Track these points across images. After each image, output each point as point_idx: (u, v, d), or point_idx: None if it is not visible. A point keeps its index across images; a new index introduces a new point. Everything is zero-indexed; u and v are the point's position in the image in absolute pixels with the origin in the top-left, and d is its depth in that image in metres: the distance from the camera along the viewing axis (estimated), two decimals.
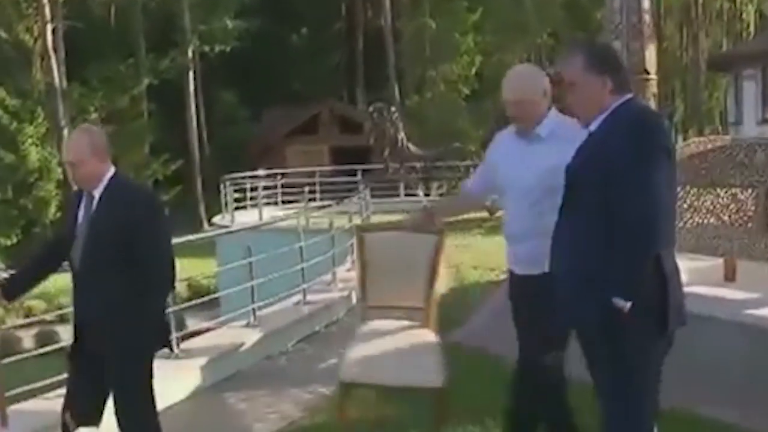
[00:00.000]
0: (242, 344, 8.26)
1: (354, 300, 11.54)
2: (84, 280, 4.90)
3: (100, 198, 4.86)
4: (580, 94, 4.08)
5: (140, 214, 4.87)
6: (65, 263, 5.07)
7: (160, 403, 6.85)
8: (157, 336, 5.08)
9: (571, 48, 4.70)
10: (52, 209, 37.70)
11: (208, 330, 9.52)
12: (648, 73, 8.61)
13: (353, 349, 5.61)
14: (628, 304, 3.78)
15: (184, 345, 8.33)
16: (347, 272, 12.94)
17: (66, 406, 4.97)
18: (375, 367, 5.45)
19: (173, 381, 7.47)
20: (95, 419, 4.86)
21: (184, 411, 7.14)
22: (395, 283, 5.77)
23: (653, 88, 8.70)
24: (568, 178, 4.14)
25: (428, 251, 5.73)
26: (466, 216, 10.37)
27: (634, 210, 3.76)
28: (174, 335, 8.06)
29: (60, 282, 5.47)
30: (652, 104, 8.68)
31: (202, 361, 7.96)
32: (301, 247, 10.98)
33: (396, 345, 5.62)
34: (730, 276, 8.40)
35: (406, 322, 5.82)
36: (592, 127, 4.07)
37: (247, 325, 9.01)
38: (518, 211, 4.99)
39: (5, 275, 5.34)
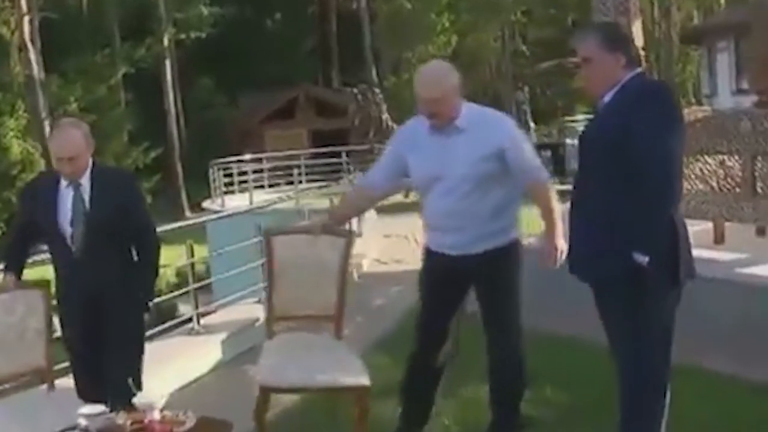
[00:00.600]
0: (257, 319, 8.51)
1: (356, 276, 11.93)
2: (84, 262, 5.16)
3: (92, 185, 5.16)
4: (595, 69, 4.39)
5: (130, 194, 5.42)
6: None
7: (186, 377, 7.28)
8: (148, 299, 5.51)
9: (584, 28, 4.91)
10: None
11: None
12: (636, 47, 8.99)
13: (267, 359, 5.39)
14: (647, 259, 4.11)
15: (203, 321, 8.69)
16: None
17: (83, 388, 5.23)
18: (296, 371, 5.25)
19: (196, 356, 7.82)
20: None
21: (208, 384, 7.44)
22: (304, 290, 5.58)
23: (642, 61, 9.08)
24: (585, 145, 4.49)
25: (338, 254, 5.57)
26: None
27: (653, 171, 4.08)
28: (194, 312, 8.45)
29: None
30: None
31: (222, 336, 8.27)
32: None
33: (311, 352, 5.49)
34: (719, 239, 8.79)
35: (316, 335, 5.78)
36: (606, 98, 4.37)
37: (259, 302, 9.24)
38: (449, 205, 5.13)
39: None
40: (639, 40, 9.07)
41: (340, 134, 34.18)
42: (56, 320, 5.44)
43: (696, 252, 8.12)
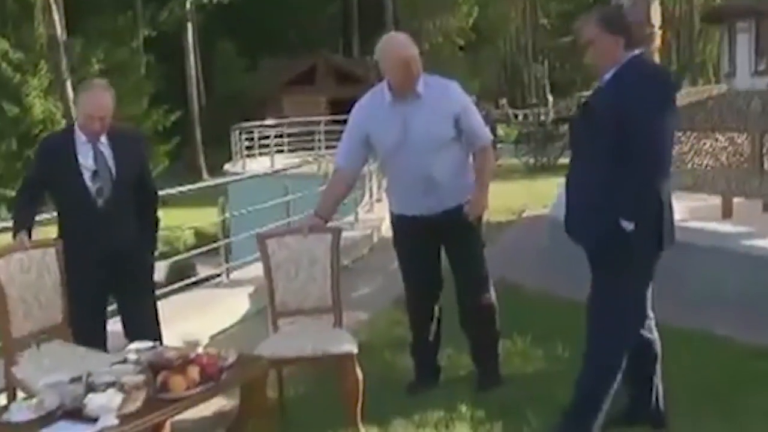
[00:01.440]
0: None
1: (375, 238, 12.35)
2: (109, 215, 5.44)
3: (112, 141, 5.46)
4: (596, 50, 4.76)
5: (144, 152, 5.95)
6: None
7: (217, 327, 7.69)
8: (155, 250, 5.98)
9: (587, 13, 5.09)
10: None
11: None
12: (653, 26, 9.30)
13: (265, 343, 5.57)
14: (632, 225, 4.50)
15: (232, 275, 9.11)
16: (366, 213, 13.98)
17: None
18: (289, 345, 5.45)
19: (226, 307, 8.24)
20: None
21: (238, 332, 7.84)
22: (301, 286, 5.74)
23: (658, 40, 9.38)
24: (583, 118, 4.94)
25: (326, 250, 5.70)
26: None
27: (646, 149, 4.48)
28: (224, 267, 8.88)
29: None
30: (656, 56, 9.39)
31: (249, 289, 8.68)
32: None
33: (309, 333, 5.65)
34: (727, 212, 9.13)
35: (316, 326, 5.84)
36: (607, 76, 4.73)
37: None
38: (417, 167, 5.57)
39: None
40: (657, 19, 9.35)
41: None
42: None
43: (704, 224, 8.61)
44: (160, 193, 6.23)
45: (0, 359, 5.29)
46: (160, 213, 5.86)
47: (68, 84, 37.58)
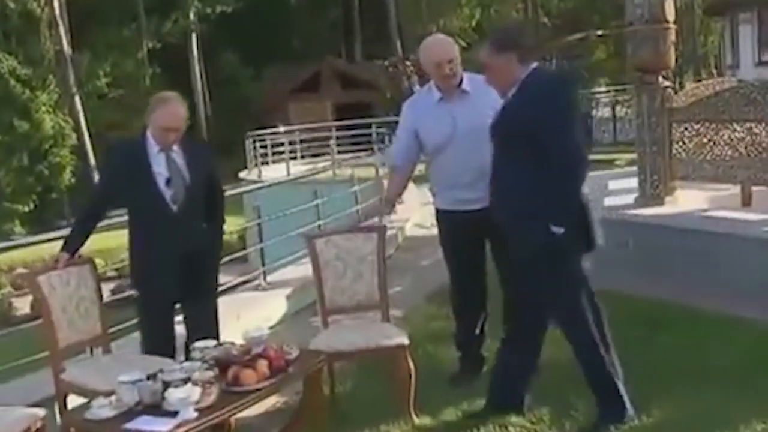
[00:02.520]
0: None
1: (400, 239, 12.58)
2: (183, 220, 5.60)
3: (182, 149, 5.62)
4: (493, 71, 5.11)
5: (211, 160, 6.10)
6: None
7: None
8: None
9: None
10: (67, 175, 38.27)
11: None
12: (667, 22, 9.48)
13: (319, 338, 5.78)
14: (561, 230, 4.83)
15: (269, 278, 9.34)
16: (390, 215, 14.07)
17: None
18: (344, 339, 5.70)
19: (264, 309, 8.47)
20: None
21: (281, 332, 8.03)
22: (349, 284, 6.00)
23: (672, 36, 9.56)
24: (497, 134, 5.17)
25: (373, 248, 5.98)
26: None
27: (559, 153, 4.80)
28: (261, 270, 9.12)
29: (120, 239, 6.13)
30: (672, 50, 9.59)
31: (287, 291, 8.94)
32: (355, 193, 12.15)
33: (360, 329, 5.98)
34: (746, 201, 9.33)
35: (365, 321, 6.14)
36: (510, 93, 5.06)
37: None
38: (465, 161, 5.78)
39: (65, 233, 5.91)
40: (670, 14, 9.50)
41: (362, 107, 34.53)
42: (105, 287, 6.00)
43: (725, 213, 8.83)
44: None
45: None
46: None
47: (77, 98, 37.91)
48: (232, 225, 10.41)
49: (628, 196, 10.07)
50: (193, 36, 46.36)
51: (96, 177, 32.78)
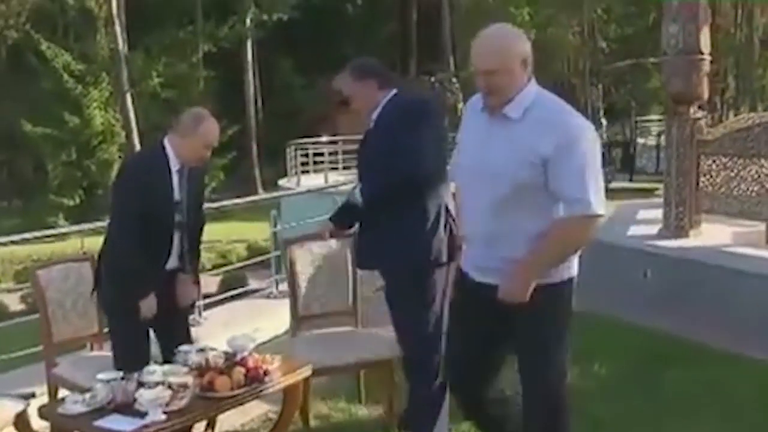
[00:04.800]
0: None
1: None
2: (184, 231, 5.41)
3: (189, 171, 5.43)
4: (356, 99, 5.06)
5: (204, 179, 5.89)
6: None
7: (266, 335, 7.90)
8: None
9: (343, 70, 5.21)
10: (115, 171, 38.66)
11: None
12: (702, 54, 9.40)
13: (300, 350, 5.73)
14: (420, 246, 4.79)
15: (281, 287, 9.34)
16: None
17: None
18: (327, 353, 5.63)
19: (275, 316, 8.46)
20: None
21: (284, 342, 8.02)
22: (323, 291, 6.06)
23: (706, 67, 9.48)
24: (361, 160, 5.18)
25: (347, 256, 6.02)
26: None
27: (405, 166, 4.70)
28: (274, 278, 9.13)
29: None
30: (705, 82, 9.50)
31: None
32: None
33: (337, 339, 5.95)
34: None
35: (338, 329, 6.12)
36: (373, 116, 5.01)
37: None
38: (480, 207, 4.13)
39: None
40: (706, 47, 9.45)
41: None
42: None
43: (748, 250, 8.73)
44: (214, 205, 6.35)
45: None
46: (217, 226, 6.04)
47: (128, 96, 38.27)
48: (262, 232, 10.49)
49: (654, 226, 9.98)
50: (248, 42, 46.60)
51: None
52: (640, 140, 27.95)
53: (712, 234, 9.57)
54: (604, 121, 36.86)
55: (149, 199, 5.19)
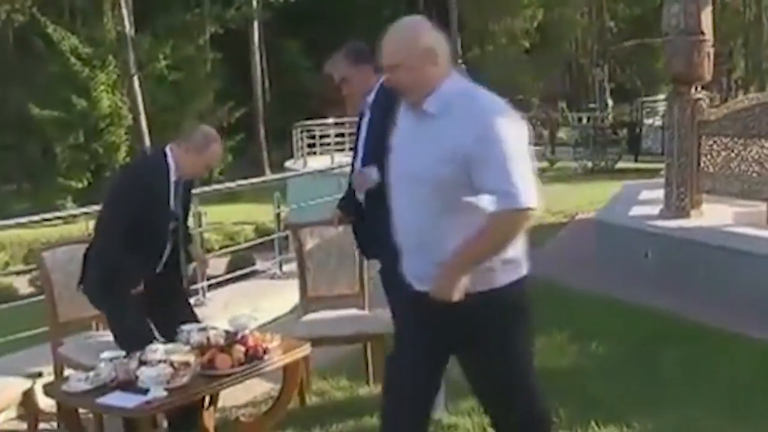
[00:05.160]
0: None
1: None
2: (172, 251, 5.48)
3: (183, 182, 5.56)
4: (353, 83, 5.16)
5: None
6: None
7: (270, 316, 8.01)
8: None
9: (335, 54, 5.26)
10: (122, 154, 38.77)
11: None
12: (703, 34, 9.40)
13: (301, 329, 5.86)
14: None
15: (285, 268, 9.45)
16: None
17: None
18: (326, 326, 5.91)
19: (279, 297, 8.57)
20: None
21: (287, 322, 8.12)
22: (331, 274, 6.18)
23: (707, 48, 9.48)
24: (358, 145, 5.19)
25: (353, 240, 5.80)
26: None
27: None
28: (278, 258, 9.22)
29: None
30: (707, 63, 9.52)
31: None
32: None
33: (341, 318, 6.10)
34: None
35: (344, 311, 6.18)
36: (369, 99, 5.09)
37: None
38: (408, 211, 3.81)
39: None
40: (708, 27, 9.45)
41: None
42: None
43: (748, 230, 8.78)
44: (220, 186, 6.41)
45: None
46: (225, 208, 6.10)
47: (135, 79, 38.38)
48: (269, 214, 10.57)
49: (656, 207, 10.03)
50: (255, 23, 46.59)
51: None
52: (647, 121, 27.89)
53: (713, 214, 9.61)
54: (609, 102, 36.86)
55: (148, 203, 5.25)
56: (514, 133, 3.60)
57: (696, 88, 9.60)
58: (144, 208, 5.21)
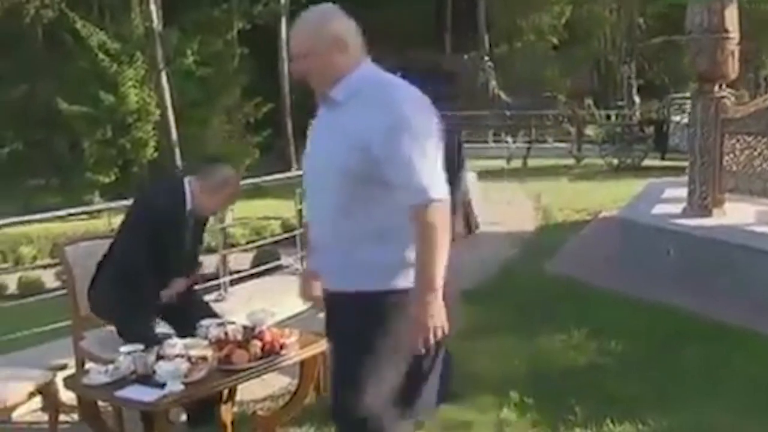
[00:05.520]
0: None
1: None
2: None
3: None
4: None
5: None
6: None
7: (292, 311, 8.04)
8: None
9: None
10: (150, 150, 38.90)
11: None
12: (728, 32, 9.38)
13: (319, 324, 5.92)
14: None
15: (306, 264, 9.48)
16: None
17: None
18: None
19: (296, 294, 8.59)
20: None
21: (307, 318, 8.16)
22: None
23: (732, 46, 9.45)
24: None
25: None
26: (554, 162, 10.55)
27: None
28: (299, 254, 9.27)
29: None
30: (730, 61, 9.48)
31: None
32: None
33: None
34: None
35: None
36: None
37: None
38: (319, 207, 3.76)
39: None
40: (733, 25, 9.42)
41: (442, 98, 34.40)
42: None
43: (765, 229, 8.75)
44: (249, 181, 6.36)
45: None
46: (253, 203, 6.08)
47: (163, 74, 38.50)
48: (291, 210, 10.63)
49: (680, 205, 10.01)
50: (283, 19, 46.63)
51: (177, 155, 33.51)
52: (675, 118, 27.71)
53: (736, 213, 9.59)
54: (637, 99, 36.68)
55: (164, 225, 5.32)
56: (423, 124, 3.52)
57: (720, 86, 9.57)
58: (160, 228, 5.29)
